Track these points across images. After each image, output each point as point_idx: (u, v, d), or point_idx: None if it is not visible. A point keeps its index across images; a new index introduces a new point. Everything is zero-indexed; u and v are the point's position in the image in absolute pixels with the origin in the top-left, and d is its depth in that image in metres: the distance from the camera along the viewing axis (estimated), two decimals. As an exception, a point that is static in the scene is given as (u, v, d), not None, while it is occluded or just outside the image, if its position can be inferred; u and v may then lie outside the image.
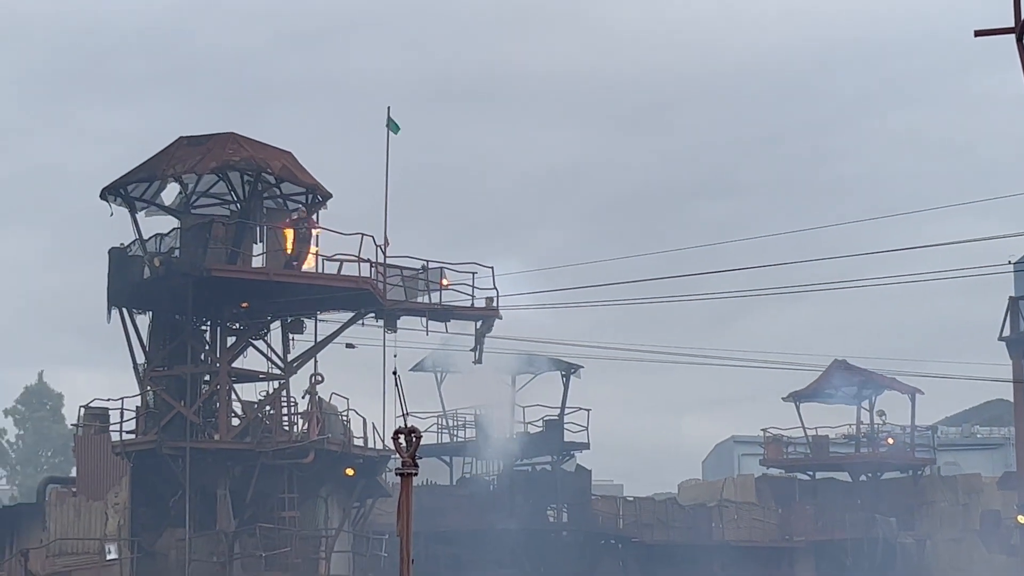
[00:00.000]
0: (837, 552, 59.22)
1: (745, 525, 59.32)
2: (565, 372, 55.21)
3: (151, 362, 42.41)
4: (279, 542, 41.55)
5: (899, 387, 61.96)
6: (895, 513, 60.59)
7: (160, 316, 42.67)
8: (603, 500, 57.80)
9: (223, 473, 41.67)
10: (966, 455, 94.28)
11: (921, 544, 60.90)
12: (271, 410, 42.87)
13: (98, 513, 41.51)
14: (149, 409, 42.32)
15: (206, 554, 41.45)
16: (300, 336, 43.49)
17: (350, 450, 42.62)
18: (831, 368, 62.72)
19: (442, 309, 43.96)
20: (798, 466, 62.89)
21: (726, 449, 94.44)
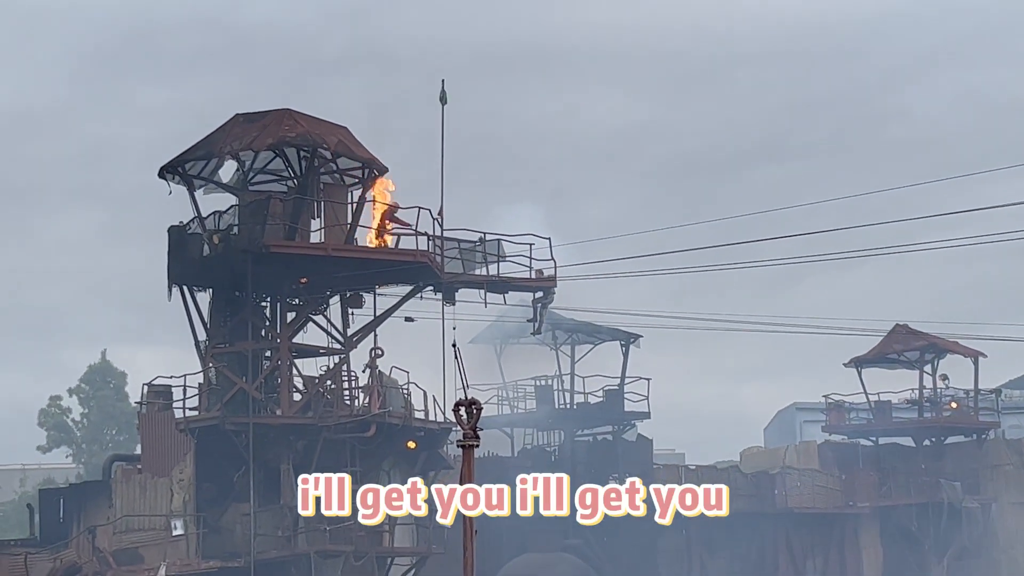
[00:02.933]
0: (901, 518, 59.12)
1: (808, 492, 59.23)
2: (624, 342, 55.30)
3: (212, 339, 42.69)
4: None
5: (962, 350, 61.69)
6: (960, 477, 60.39)
7: (220, 293, 42.92)
8: (665, 469, 57.85)
9: (286, 448, 41.96)
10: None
11: (987, 508, 60.70)
12: (332, 384, 43.07)
13: (163, 489, 41.88)
14: (211, 386, 42.62)
15: (271, 528, 41.76)
16: (359, 310, 43.64)
17: (411, 423, 42.79)
18: (893, 333, 62.51)
19: (500, 281, 44.01)
20: (861, 432, 62.76)
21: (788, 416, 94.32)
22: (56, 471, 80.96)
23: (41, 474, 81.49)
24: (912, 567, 59.45)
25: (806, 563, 58.92)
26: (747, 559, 57.48)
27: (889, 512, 59.30)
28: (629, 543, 52.77)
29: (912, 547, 59.33)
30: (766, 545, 57.88)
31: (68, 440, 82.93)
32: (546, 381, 56.03)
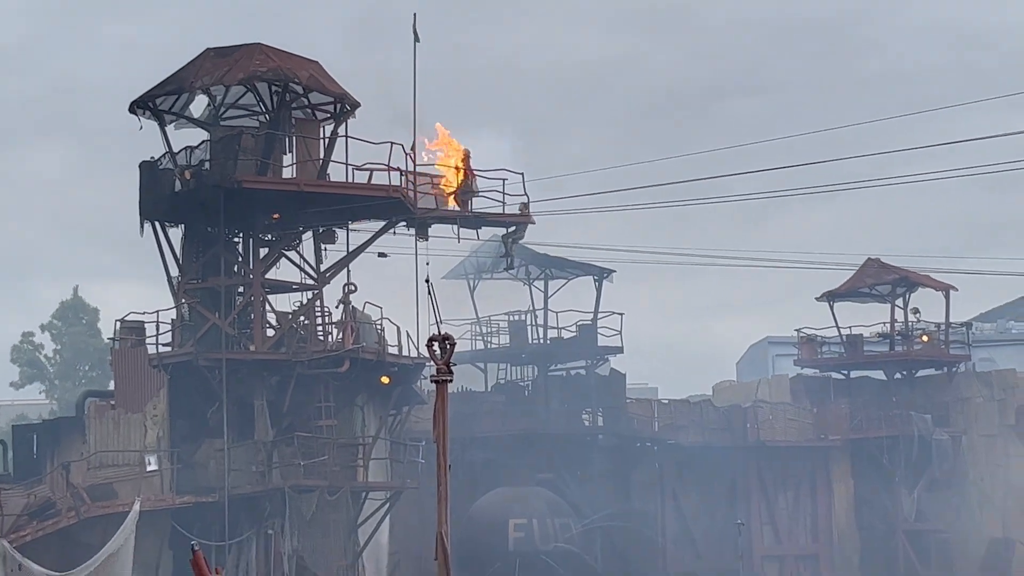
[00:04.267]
0: (872, 450, 59.48)
1: (780, 425, 59.56)
2: (597, 277, 55.34)
3: (185, 275, 42.63)
4: (317, 450, 41.91)
5: (933, 284, 61.90)
6: (930, 410, 60.73)
7: (192, 229, 42.82)
8: (638, 403, 58.07)
9: (260, 384, 42.01)
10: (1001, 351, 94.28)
11: (957, 440, 61.09)
12: (305, 320, 43.09)
13: (137, 425, 41.91)
14: (184, 322, 42.61)
15: (245, 463, 41.86)
16: (332, 246, 43.60)
17: (385, 358, 42.86)
18: (865, 267, 62.67)
19: (473, 216, 43.97)
20: (832, 365, 63.00)
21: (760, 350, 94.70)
22: (29, 407, 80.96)
23: (14, 410, 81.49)
24: (883, 499, 59.87)
25: (778, 496, 59.31)
26: (719, 492, 57.82)
27: (860, 445, 59.65)
28: (602, 476, 53.05)
29: (883, 479, 59.71)
30: (738, 478, 58.21)
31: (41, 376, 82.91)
32: (519, 316, 56.10)
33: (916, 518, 60.38)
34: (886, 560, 59.58)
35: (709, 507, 57.43)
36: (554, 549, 49.04)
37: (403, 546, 47.89)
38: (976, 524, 61.39)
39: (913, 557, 59.51)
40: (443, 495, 17.21)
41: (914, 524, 60.16)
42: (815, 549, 59.58)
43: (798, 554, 59.44)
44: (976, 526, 61.39)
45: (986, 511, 61.61)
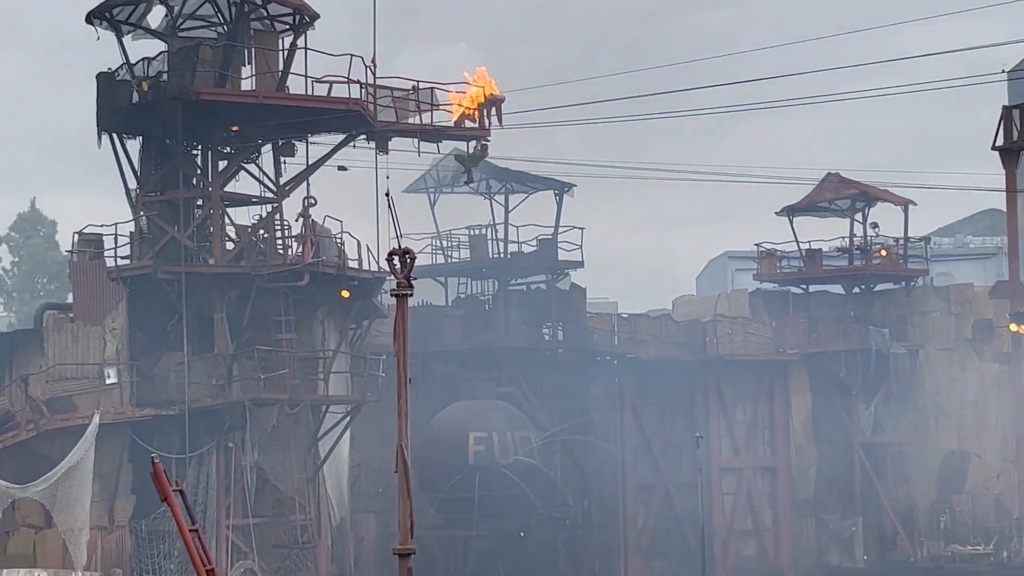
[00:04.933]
0: (830, 364, 59.80)
1: (739, 339, 59.77)
2: (558, 191, 55.23)
3: (143, 187, 42.40)
4: (277, 364, 41.94)
5: (892, 199, 62.03)
6: (888, 324, 61.02)
7: (150, 141, 42.53)
8: (598, 317, 58.19)
9: (219, 297, 41.92)
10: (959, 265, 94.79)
11: (914, 354, 61.46)
12: (265, 234, 42.95)
13: (96, 338, 41.76)
14: (143, 234, 42.43)
15: (205, 377, 41.87)
16: (291, 159, 43.44)
17: (345, 272, 42.79)
18: (824, 181, 62.72)
19: (433, 130, 43.80)
20: (791, 280, 63.15)
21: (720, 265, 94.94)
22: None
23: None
24: (840, 412, 60.28)
25: (736, 409, 59.66)
26: (678, 406, 58.13)
27: (818, 359, 59.96)
28: (562, 390, 53.24)
29: (840, 393, 60.10)
30: (697, 392, 58.49)
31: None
32: (480, 230, 56.00)
33: (873, 431, 60.88)
34: (843, 473, 60.10)
35: (668, 421, 57.77)
36: (514, 462, 49.29)
37: (364, 459, 48.09)
38: (932, 437, 61.93)
39: (870, 470, 60.08)
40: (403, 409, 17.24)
41: (871, 437, 60.67)
42: (773, 462, 60.04)
43: (756, 466, 59.89)
44: (932, 439, 61.92)
45: (942, 424, 62.13)
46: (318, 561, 43.30)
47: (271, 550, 42.37)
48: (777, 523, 59.60)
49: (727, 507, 58.87)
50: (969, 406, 62.34)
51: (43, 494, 39.09)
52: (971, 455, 62.02)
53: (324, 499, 44.26)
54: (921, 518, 60.93)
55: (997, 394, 61.81)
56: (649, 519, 57.18)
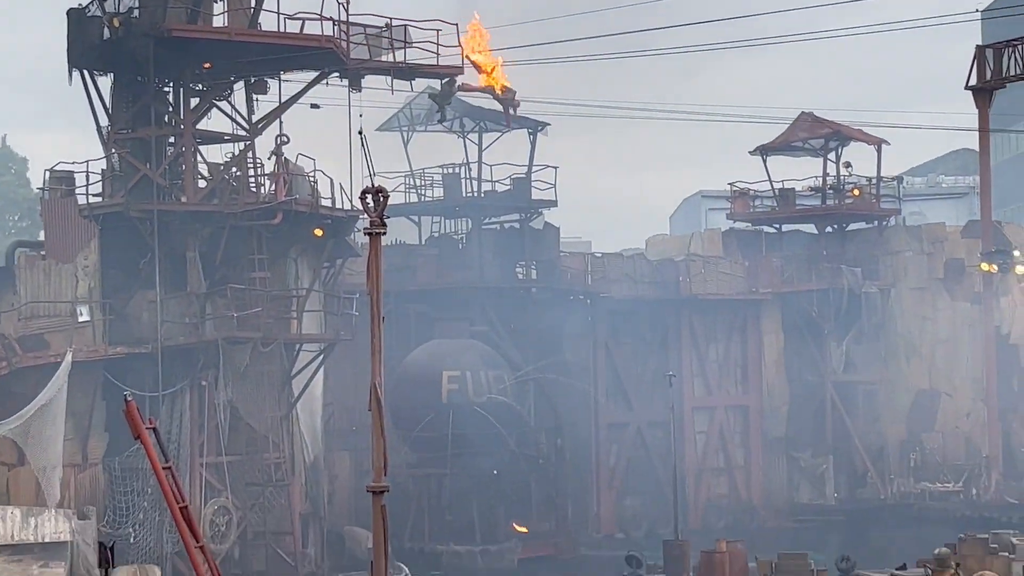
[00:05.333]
0: (803, 303, 59.94)
1: (712, 279, 59.87)
2: (532, 130, 55.07)
3: (115, 125, 42.15)
4: (250, 303, 41.88)
5: (865, 138, 62.06)
6: (860, 264, 61.16)
7: (122, 78, 42.24)
8: (571, 257, 58.19)
9: (192, 235, 41.77)
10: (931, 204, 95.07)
11: (885, 294, 61.64)
12: (237, 172, 42.80)
13: (68, 276, 41.63)
14: (115, 172, 42.22)
15: (178, 315, 41.79)
16: (264, 97, 43.23)
17: (318, 211, 42.69)
18: (798, 121, 62.71)
19: (406, 67, 43.60)
20: (764, 219, 63.24)
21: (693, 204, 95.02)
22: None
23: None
24: (812, 351, 60.50)
25: (709, 348, 59.81)
26: (651, 344, 58.28)
27: (790, 298, 60.08)
28: (535, 329, 53.29)
29: (812, 332, 60.29)
30: (669, 331, 58.62)
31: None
32: (453, 169, 55.87)
33: (844, 370, 61.13)
34: (814, 411, 60.40)
35: (640, 360, 57.91)
36: (487, 401, 49.40)
37: (337, 397, 48.14)
38: (903, 376, 62.22)
39: (841, 408, 60.37)
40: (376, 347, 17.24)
41: (842, 376, 60.93)
42: (745, 400, 60.30)
43: (728, 405, 60.15)
44: (903, 378, 62.22)
45: (913, 363, 62.42)
46: (292, 499, 43.41)
47: (244, 488, 42.46)
48: (748, 461, 59.94)
49: (699, 445, 59.15)
50: (940, 345, 62.64)
51: (16, 432, 39.05)
52: (941, 394, 62.37)
53: (297, 437, 44.32)
54: (891, 456, 61.32)
55: (968, 333, 62.11)
56: (621, 457, 57.42)
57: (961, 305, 62.48)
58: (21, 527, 36.80)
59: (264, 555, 43.03)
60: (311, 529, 44.82)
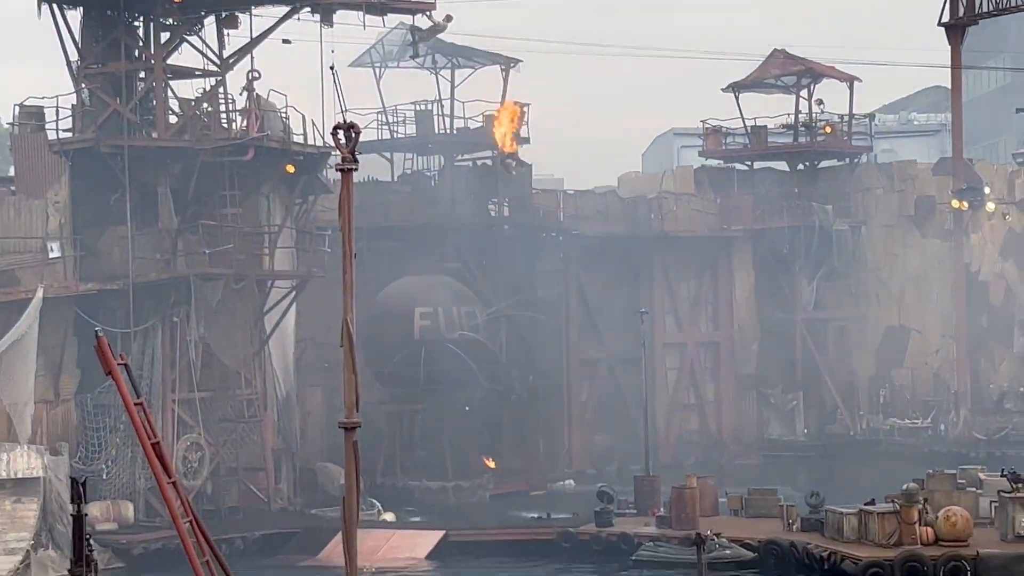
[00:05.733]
0: (774, 240, 60.07)
1: (684, 216, 59.94)
2: (504, 66, 54.89)
3: (85, 59, 41.90)
4: (222, 239, 41.81)
5: (838, 75, 62.08)
6: (831, 201, 61.29)
7: (91, 12, 41.97)
8: (543, 194, 58.19)
9: (163, 171, 41.63)
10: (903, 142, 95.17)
11: (856, 231, 61.80)
12: (209, 107, 42.61)
13: (39, 212, 41.45)
14: (85, 107, 41.99)
15: (149, 251, 41.68)
16: (235, 32, 42.98)
17: (290, 147, 42.57)
18: (771, 58, 62.68)
19: (379, 3, 43.37)
20: (736, 156, 63.28)
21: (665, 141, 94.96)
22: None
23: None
24: (782, 288, 60.71)
25: (680, 285, 59.95)
26: (623, 281, 58.36)
27: (762, 235, 60.21)
28: (507, 266, 53.29)
29: (783, 269, 60.47)
30: (641, 268, 58.71)
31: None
32: (425, 106, 55.69)
33: (815, 307, 61.40)
34: (785, 347, 60.68)
35: (612, 296, 58.00)
36: (459, 337, 49.43)
37: (309, 334, 48.10)
38: (873, 313, 62.52)
39: (811, 345, 60.65)
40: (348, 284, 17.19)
41: (812, 313, 61.19)
42: (716, 337, 60.51)
43: (699, 342, 60.38)
44: (873, 315, 62.52)
45: (883, 300, 62.69)
46: (264, 435, 43.52)
47: (217, 424, 42.52)
48: (719, 397, 60.22)
49: (670, 382, 59.39)
50: (910, 282, 62.92)
51: (-13, 368, 39.06)
52: (911, 331, 62.70)
53: (270, 374, 44.39)
54: (861, 392, 61.70)
55: (938, 271, 62.41)
56: (593, 394, 57.62)
57: (931, 242, 62.74)
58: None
59: (237, 491, 43.15)
60: (284, 465, 44.95)
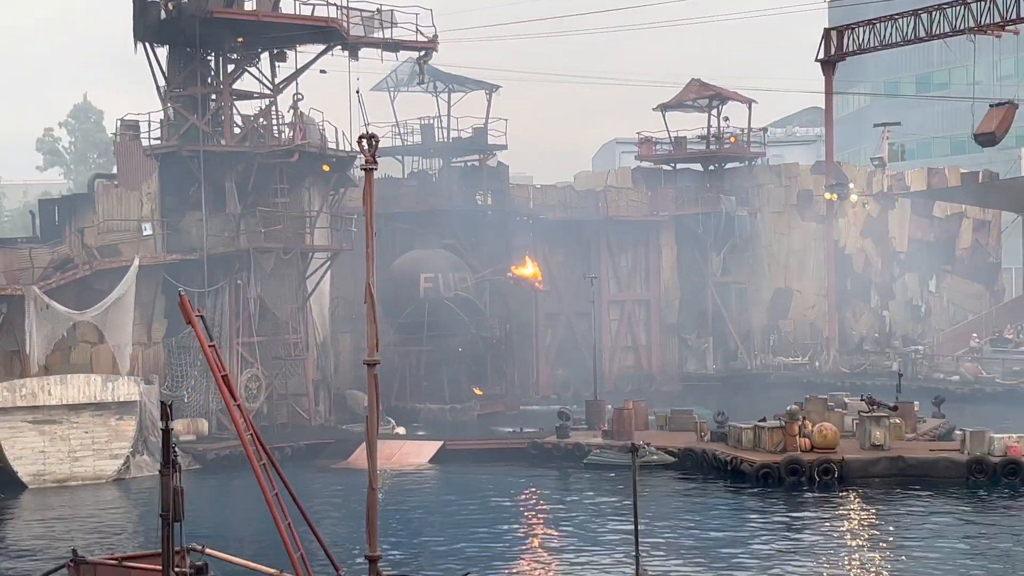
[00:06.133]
0: (691, 223, 60.12)
1: (624, 205, 59.90)
2: (488, 91, 54.78)
3: (170, 85, 41.67)
4: (274, 221, 41.67)
5: (740, 98, 62.04)
6: (734, 194, 61.35)
7: (175, 48, 41.71)
8: (518, 187, 58.08)
9: (229, 169, 41.46)
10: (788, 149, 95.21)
11: (753, 216, 61.89)
12: (264, 121, 42.40)
13: (135, 200, 41.29)
14: (170, 122, 41.78)
15: (219, 230, 41.55)
16: (284, 64, 42.76)
17: (325, 152, 42.41)
18: (689, 85, 62.56)
19: (393, 42, 43.24)
20: (663, 160, 63.24)
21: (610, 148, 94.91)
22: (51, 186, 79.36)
23: (39, 188, 79.83)
24: (697, 260, 60.76)
25: (621, 257, 59.97)
26: (578, 254, 58.34)
27: (682, 220, 60.24)
28: (490, 243, 53.24)
29: (698, 245, 60.51)
30: (591, 243, 58.69)
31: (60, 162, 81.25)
32: (428, 121, 55.52)
33: (721, 273, 61.48)
34: (699, 304, 60.78)
35: (570, 265, 57.98)
36: (454, 296, 49.40)
37: (340, 292, 48.02)
38: (765, 278, 62.64)
39: (719, 302, 60.77)
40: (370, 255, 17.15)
41: (720, 278, 61.28)
42: (647, 296, 60.55)
43: (635, 299, 60.41)
44: (765, 280, 62.64)
45: (772, 268, 62.82)
46: (306, 369, 43.48)
47: (271, 361, 42.46)
48: (650, 341, 60.30)
49: (613, 330, 59.45)
50: (793, 255, 63.05)
51: (97, 318, 38.95)
52: (793, 291, 62.86)
53: (311, 323, 44.29)
54: (756, 337, 61.87)
55: (814, 246, 62.54)
56: (555, 338, 57.64)
57: (809, 224, 62.84)
58: (102, 390, 36.74)
59: (286, 411, 43.14)
60: (321, 392, 44.92)
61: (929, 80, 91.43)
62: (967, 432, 34.17)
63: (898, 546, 26.29)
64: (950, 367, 55.51)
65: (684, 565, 24.85)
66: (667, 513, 29.90)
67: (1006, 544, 26.51)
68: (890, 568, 24.49)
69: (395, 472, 36.80)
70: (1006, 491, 31.94)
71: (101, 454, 36.52)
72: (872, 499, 31.32)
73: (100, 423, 36.59)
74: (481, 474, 36.32)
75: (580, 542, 27.11)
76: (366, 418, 17.33)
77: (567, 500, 32.57)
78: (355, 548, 24.73)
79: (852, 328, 63.11)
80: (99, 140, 78.58)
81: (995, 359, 56.11)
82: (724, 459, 35.05)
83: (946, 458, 33.60)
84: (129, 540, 27.77)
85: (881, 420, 34.90)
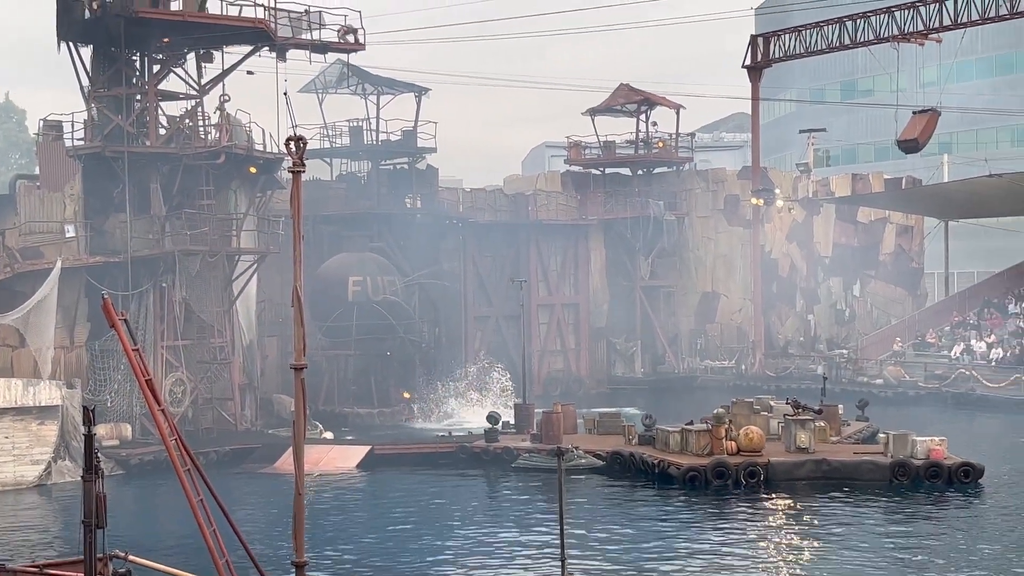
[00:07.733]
0: (619, 227, 60.50)
1: (553, 208, 60.14)
2: (418, 93, 54.70)
3: (94, 85, 41.14)
4: (200, 223, 41.27)
5: (668, 103, 62.50)
6: (663, 198, 61.80)
7: (100, 48, 41.19)
8: (447, 191, 58.07)
9: (154, 171, 41.03)
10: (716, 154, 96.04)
11: (681, 220, 62.40)
12: (190, 122, 42.00)
13: (58, 202, 40.70)
14: (94, 122, 41.26)
15: (143, 232, 41.08)
16: (210, 64, 42.41)
17: (252, 153, 42.09)
18: (618, 90, 62.93)
19: (321, 44, 43.05)
20: (592, 164, 63.55)
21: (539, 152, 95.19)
22: (-29, 187, 78.01)
23: (-42, 189, 78.42)
24: (625, 264, 61.15)
25: (550, 260, 60.18)
26: (507, 257, 58.48)
27: (611, 223, 60.60)
28: (419, 246, 53.20)
29: (626, 249, 60.91)
30: (521, 247, 58.85)
31: (-21, 163, 79.86)
32: (357, 123, 55.34)
33: (650, 277, 61.91)
34: (627, 307, 61.16)
35: (499, 269, 58.10)
36: (382, 300, 49.27)
37: (267, 296, 47.72)
38: (693, 281, 63.18)
39: (647, 305, 61.19)
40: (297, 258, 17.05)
41: (648, 281, 61.71)
42: (576, 299, 60.83)
43: (564, 303, 60.65)
44: (693, 283, 63.19)
45: (700, 272, 63.37)
46: (232, 373, 43.07)
47: (196, 365, 42.04)
48: (579, 345, 60.56)
49: (542, 333, 59.63)
50: (720, 259, 63.64)
51: (18, 321, 38.37)
52: (720, 295, 63.45)
53: (237, 326, 43.91)
54: (683, 341, 62.36)
55: (740, 250, 63.19)
56: (484, 342, 57.67)
57: (736, 229, 63.47)
58: (23, 394, 36.17)
59: (211, 416, 42.71)
60: (247, 396, 44.54)
61: (854, 87, 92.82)
62: (890, 435, 34.68)
63: (822, 547, 26.62)
64: (874, 371, 56.34)
65: (611, 568, 24.97)
66: (595, 516, 30.01)
67: (928, 544, 26.95)
68: (814, 569, 24.79)
69: (323, 477, 36.57)
70: (928, 493, 32.47)
71: (22, 459, 35.94)
72: (797, 501, 31.68)
73: (21, 428, 36.01)
74: (409, 479, 36.22)
75: (508, 546, 27.14)
76: (293, 423, 17.21)
77: (495, 504, 32.59)
78: (282, 551, 24.54)
79: (778, 332, 63.82)
80: (21, 140, 77.47)
81: (918, 363, 57.06)
82: (652, 462, 35.20)
83: (870, 461, 34.07)
84: (51, 547, 27.34)
85: (806, 423, 35.29)
